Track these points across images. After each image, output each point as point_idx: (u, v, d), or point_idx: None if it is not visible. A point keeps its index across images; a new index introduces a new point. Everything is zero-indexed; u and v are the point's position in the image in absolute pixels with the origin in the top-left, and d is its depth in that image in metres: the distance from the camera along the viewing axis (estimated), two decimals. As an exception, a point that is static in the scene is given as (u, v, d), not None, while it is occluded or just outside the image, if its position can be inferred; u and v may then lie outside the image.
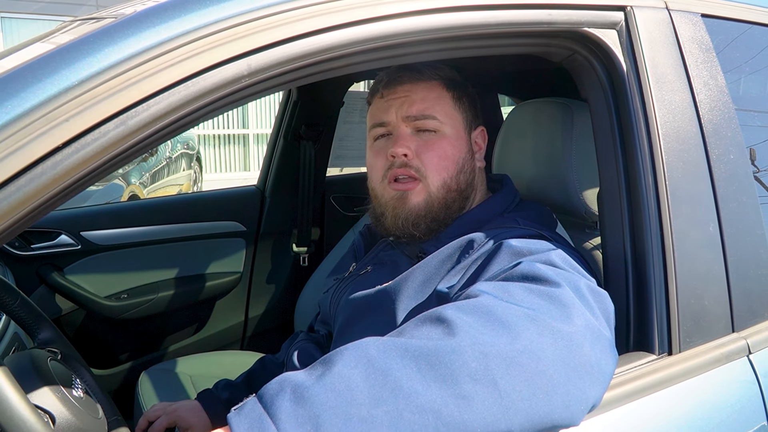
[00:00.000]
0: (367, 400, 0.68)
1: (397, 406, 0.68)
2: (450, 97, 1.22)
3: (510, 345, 0.76)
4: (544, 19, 0.98)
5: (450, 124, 1.20)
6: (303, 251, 2.47)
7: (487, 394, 0.71)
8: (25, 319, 1.18)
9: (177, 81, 0.71)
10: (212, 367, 1.99)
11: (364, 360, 0.72)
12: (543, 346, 0.77)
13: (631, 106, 1.03)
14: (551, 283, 0.87)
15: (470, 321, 0.78)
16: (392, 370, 0.71)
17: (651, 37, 1.06)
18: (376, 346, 0.74)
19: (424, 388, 0.70)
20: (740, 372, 1.03)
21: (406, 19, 0.86)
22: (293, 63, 0.79)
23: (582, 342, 0.80)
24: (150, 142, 0.72)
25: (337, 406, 0.67)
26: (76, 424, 0.96)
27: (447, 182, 1.18)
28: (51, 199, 0.66)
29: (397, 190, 1.18)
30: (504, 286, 0.88)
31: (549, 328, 0.79)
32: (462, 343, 0.75)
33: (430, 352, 0.73)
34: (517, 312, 0.81)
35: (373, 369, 0.71)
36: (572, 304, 0.84)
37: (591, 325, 0.83)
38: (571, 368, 0.78)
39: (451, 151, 1.19)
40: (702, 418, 0.96)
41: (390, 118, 1.20)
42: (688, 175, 1.03)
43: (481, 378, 0.72)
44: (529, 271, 0.90)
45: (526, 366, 0.75)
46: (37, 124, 0.64)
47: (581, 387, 0.78)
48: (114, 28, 0.71)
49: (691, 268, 1.01)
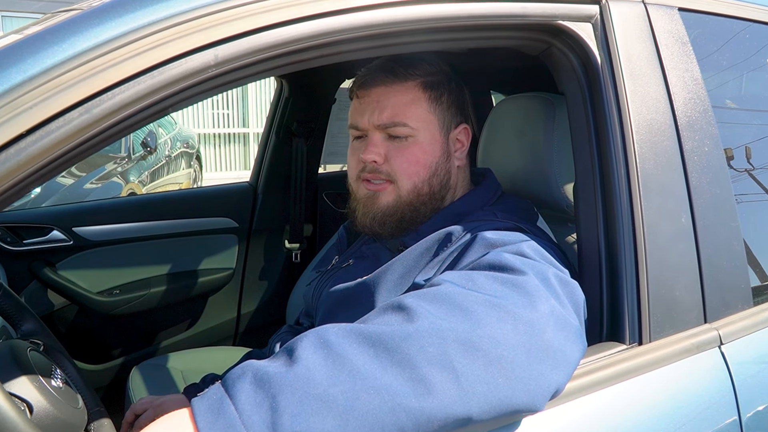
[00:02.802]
0: (325, 381, 0.70)
1: (354, 386, 0.70)
2: (426, 99, 1.19)
3: (470, 330, 0.77)
4: (517, 11, 0.98)
5: (424, 129, 1.18)
6: (295, 248, 2.47)
7: (444, 378, 0.73)
8: (8, 311, 1.19)
9: (142, 70, 0.71)
10: (204, 363, 1.99)
11: (323, 345, 0.74)
12: (503, 331, 0.78)
13: (605, 98, 1.03)
14: (516, 272, 0.88)
15: (429, 308, 0.80)
16: (350, 354, 0.73)
17: (626, 30, 1.06)
18: (335, 332, 0.76)
19: (381, 371, 0.72)
20: (711, 362, 1.03)
21: (376, 11, 0.87)
22: (262, 53, 0.80)
23: (544, 328, 0.81)
24: (116, 131, 0.72)
25: (294, 386, 0.69)
26: (53, 413, 0.96)
27: (418, 186, 1.18)
28: (15, 185, 0.67)
29: (369, 189, 1.20)
30: (468, 275, 0.89)
31: (510, 314, 0.80)
32: (420, 328, 0.76)
33: (387, 337, 0.75)
34: (477, 298, 0.82)
35: (331, 353, 0.73)
36: (536, 292, 0.85)
37: (556, 312, 0.84)
38: (532, 353, 0.79)
39: (422, 157, 1.18)
40: (673, 407, 0.97)
41: (363, 123, 1.20)
42: (660, 167, 1.03)
43: (439, 362, 0.73)
44: (496, 261, 0.91)
45: (485, 351, 0.76)
46: (1, 111, 0.65)
47: (542, 372, 0.79)
48: (80, 18, 0.72)
49: (662, 258, 1.01)
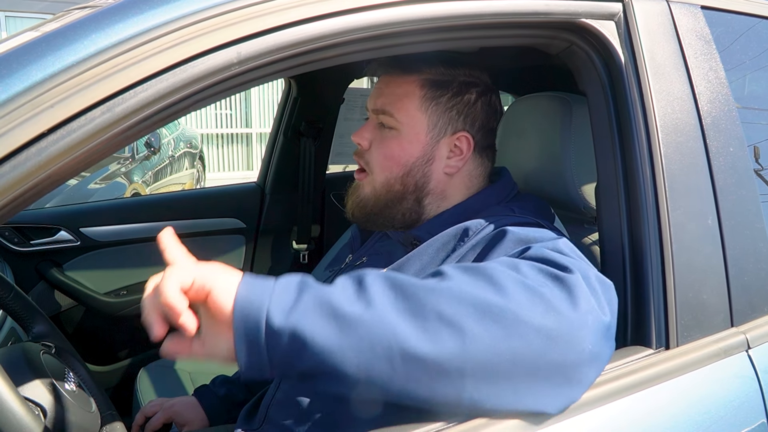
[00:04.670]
0: (343, 301, 0.76)
1: (363, 313, 0.75)
2: (420, 97, 1.17)
3: (494, 302, 0.78)
4: (540, 9, 0.97)
5: (408, 125, 1.16)
6: (303, 248, 2.46)
7: (449, 334, 0.75)
8: (19, 313, 1.17)
9: (165, 68, 0.70)
10: (212, 364, 1.96)
11: (357, 279, 0.80)
12: (530, 313, 0.78)
13: (629, 98, 1.01)
14: (562, 268, 0.86)
15: (463, 276, 0.82)
16: (374, 291, 0.78)
17: (649, 28, 1.04)
18: (372, 273, 0.81)
19: (393, 311, 0.76)
20: (739, 367, 1.01)
21: (400, 7, 0.85)
22: (285, 51, 0.78)
23: (582, 325, 0.80)
24: (138, 130, 0.71)
25: (318, 295, 0.76)
26: (67, 417, 0.96)
27: (390, 181, 1.18)
28: (35, 186, 0.65)
29: (355, 178, 1.24)
30: (513, 262, 0.87)
31: (545, 302, 0.79)
32: (443, 287, 0.79)
33: (411, 287, 0.79)
34: (515, 278, 0.81)
35: (360, 286, 0.79)
36: (580, 290, 0.83)
37: (595, 313, 0.82)
38: (559, 345, 0.78)
39: (398, 153, 1.17)
40: (700, 413, 0.95)
41: (368, 104, 1.23)
42: (686, 168, 1.02)
43: (449, 319, 0.76)
44: (541, 255, 0.89)
45: (502, 324, 0.76)
46: (21, 110, 0.64)
47: (562, 368, 0.79)
48: (101, 14, 0.70)
49: (689, 261, 0.99)
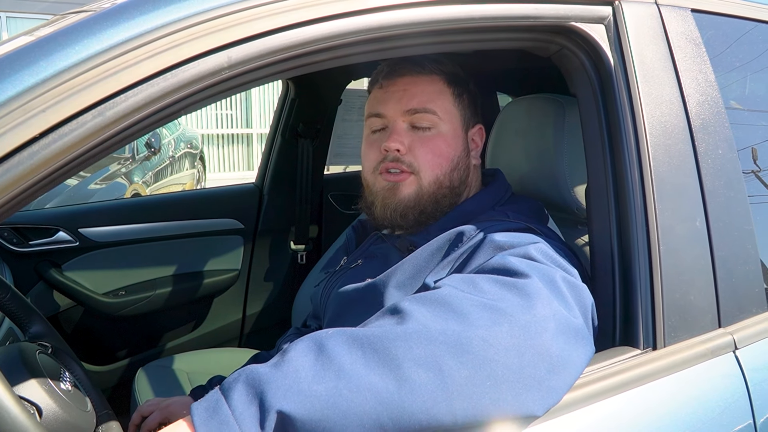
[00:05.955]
0: (310, 378, 0.73)
1: (337, 384, 0.72)
2: (450, 93, 1.22)
3: (461, 332, 0.77)
4: (530, 13, 0.98)
5: (448, 121, 1.20)
6: (301, 249, 2.47)
7: (428, 378, 0.74)
8: (16, 313, 1.18)
9: (156, 72, 0.71)
10: (210, 364, 1.99)
11: (315, 347, 0.77)
12: (496, 334, 0.78)
13: (618, 100, 1.02)
14: (519, 275, 0.87)
15: (423, 310, 0.81)
16: (338, 355, 0.75)
17: (639, 31, 1.05)
18: (328, 335, 0.79)
19: (366, 370, 0.74)
20: (726, 367, 1.02)
21: (391, 12, 0.86)
22: (275, 55, 0.79)
23: (541, 331, 0.80)
24: (129, 134, 0.72)
25: (280, 383, 0.73)
26: (63, 416, 0.96)
27: (440, 179, 1.18)
28: (28, 189, 0.66)
29: (389, 181, 1.19)
30: (470, 279, 0.88)
31: (506, 317, 0.80)
32: (409, 329, 0.78)
33: (377, 339, 0.77)
34: (474, 301, 0.82)
35: (321, 354, 0.76)
36: (537, 294, 0.84)
37: (558, 316, 0.83)
38: (525, 357, 0.78)
39: (446, 149, 1.19)
40: (687, 413, 0.96)
41: (387, 111, 1.20)
42: (674, 170, 1.02)
43: (424, 363, 0.75)
44: (500, 264, 0.91)
45: (474, 353, 0.76)
46: (13, 114, 0.64)
47: (536, 376, 0.78)
48: (93, 19, 0.71)
49: (677, 262, 1.00)
